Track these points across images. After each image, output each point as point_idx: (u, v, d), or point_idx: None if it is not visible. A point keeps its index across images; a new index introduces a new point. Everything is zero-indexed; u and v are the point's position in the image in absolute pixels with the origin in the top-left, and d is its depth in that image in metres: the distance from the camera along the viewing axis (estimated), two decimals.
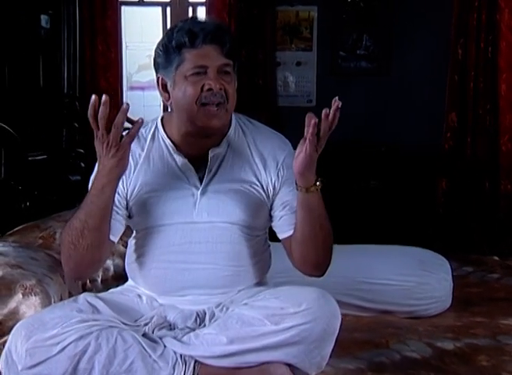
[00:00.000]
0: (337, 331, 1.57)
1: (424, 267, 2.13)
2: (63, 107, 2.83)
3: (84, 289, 2.16)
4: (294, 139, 4.45)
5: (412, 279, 2.09)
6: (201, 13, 4.07)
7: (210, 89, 1.58)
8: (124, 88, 4.28)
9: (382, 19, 3.95)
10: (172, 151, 1.70)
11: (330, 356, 1.65)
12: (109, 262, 2.35)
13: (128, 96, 4.39)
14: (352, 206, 3.86)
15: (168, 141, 1.71)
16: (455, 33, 3.76)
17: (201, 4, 4.09)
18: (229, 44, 1.60)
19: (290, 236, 1.68)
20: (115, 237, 1.69)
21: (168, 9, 4.15)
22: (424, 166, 3.92)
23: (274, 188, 1.70)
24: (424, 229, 3.83)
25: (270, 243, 1.85)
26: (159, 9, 4.18)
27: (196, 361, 1.58)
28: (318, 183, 1.60)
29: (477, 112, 3.79)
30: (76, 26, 2.78)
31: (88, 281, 2.22)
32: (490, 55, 3.72)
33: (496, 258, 2.74)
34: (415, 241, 2.79)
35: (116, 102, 4.11)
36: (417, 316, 2.09)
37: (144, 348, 1.56)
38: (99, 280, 2.27)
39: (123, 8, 4.12)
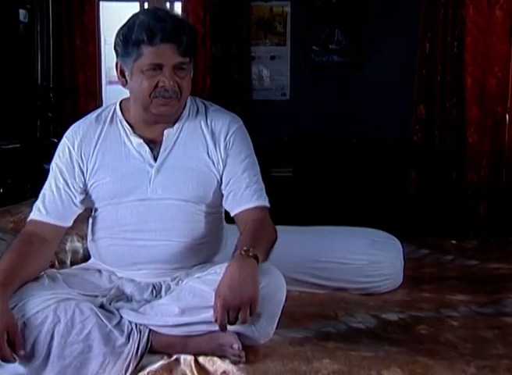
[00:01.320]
0: (283, 302, 1.67)
1: (376, 246, 2.24)
2: (37, 98, 2.92)
3: None
4: (269, 131, 4.53)
5: (364, 257, 2.20)
6: (178, 8, 4.16)
7: (164, 86, 1.68)
8: (103, 82, 4.36)
9: (353, 15, 4.06)
10: (128, 133, 1.80)
11: (280, 327, 1.75)
12: (79, 245, 2.44)
13: (107, 90, 4.47)
14: (324, 196, 3.97)
15: (125, 124, 1.81)
16: (423, 29, 3.87)
17: (177, 0, 4.19)
18: (185, 44, 1.68)
19: (236, 214, 1.79)
20: (68, 223, 1.80)
21: (146, 4, 4.24)
22: (394, 157, 4.03)
23: (223, 163, 1.80)
24: (395, 218, 3.94)
25: (228, 225, 1.95)
26: (137, 4, 4.27)
27: (150, 330, 1.68)
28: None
29: (444, 104, 3.90)
30: (50, 20, 2.86)
31: (57, 263, 2.31)
32: (456, 49, 3.83)
33: (454, 241, 2.85)
34: (385, 230, 2.89)
35: (95, 96, 4.20)
36: (370, 292, 2.20)
37: (100, 318, 1.65)
38: (68, 262, 2.36)
39: (102, 3, 4.20)
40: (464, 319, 1.92)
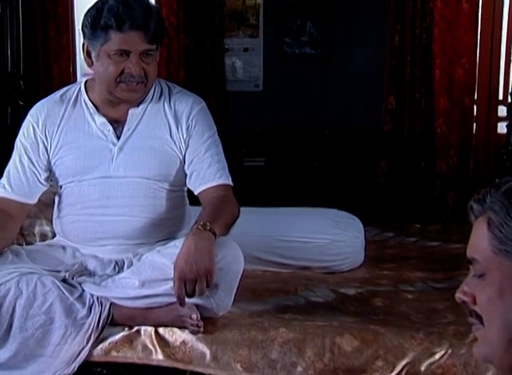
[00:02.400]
0: (240, 273, 1.73)
1: (338, 226, 2.30)
2: (7, 85, 2.94)
3: None
4: (242, 122, 4.56)
5: (326, 236, 2.26)
6: (151, 0, 4.18)
7: (130, 72, 1.72)
8: (78, 74, 4.38)
9: (324, 7, 4.12)
10: (92, 112, 1.84)
11: (241, 301, 1.81)
12: (47, 229, 2.46)
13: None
14: (296, 185, 4.03)
15: (89, 104, 1.85)
16: (392, 21, 3.94)
17: None
18: (153, 31, 1.72)
19: (200, 192, 1.84)
20: (33, 200, 1.85)
21: None
22: (365, 147, 4.10)
23: (185, 143, 1.85)
24: (366, 207, 4.00)
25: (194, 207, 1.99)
26: None
27: (111, 303, 1.73)
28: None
29: (413, 95, 3.97)
30: (19, 7, 2.89)
31: (25, 245, 2.34)
32: (424, 41, 3.91)
33: (418, 225, 2.92)
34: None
35: None
36: (332, 270, 2.26)
37: (62, 291, 1.70)
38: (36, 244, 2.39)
39: None
40: (419, 293, 1.99)
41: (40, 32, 3.92)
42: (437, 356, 1.57)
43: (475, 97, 4.00)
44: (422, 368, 1.57)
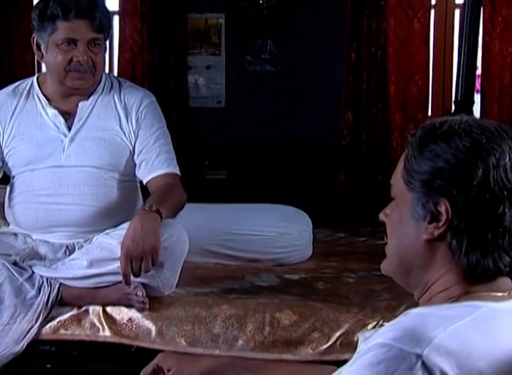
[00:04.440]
0: (185, 253, 1.80)
1: (286, 220, 2.39)
2: None
3: None
4: (205, 137, 4.64)
5: (275, 230, 2.35)
6: (115, 19, 4.31)
7: (78, 60, 1.82)
8: None
9: (284, 26, 4.29)
10: (44, 105, 1.93)
11: (188, 285, 1.88)
12: (5, 229, 2.52)
13: None
14: (259, 199, 4.12)
15: (41, 96, 1.94)
16: (348, 39, 4.12)
17: (115, 13, 4.33)
18: (99, 20, 1.83)
19: (148, 181, 1.92)
20: None
21: None
22: (324, 160, 4.22)
23: (135, 134, 1.94)
24: (326, 218, 4.10)
25: None
26: None
27: (61, 283, 1.78)
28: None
29: (370, 110, 4.13)
30: None
31: None
32: (380, 58, 4.09)
33: (369, 228, 3.02)
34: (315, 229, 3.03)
35: None
36: (281, 263, 2.33)
37: (11, 272, 1.75)
38: None
39: None
40: (360, 278, 2.08)
41: (4, 48, 4.02)
42: (369, 327, 1.66)
43: (429, 113, 4.18)
44: (355, 338, 1.64)
